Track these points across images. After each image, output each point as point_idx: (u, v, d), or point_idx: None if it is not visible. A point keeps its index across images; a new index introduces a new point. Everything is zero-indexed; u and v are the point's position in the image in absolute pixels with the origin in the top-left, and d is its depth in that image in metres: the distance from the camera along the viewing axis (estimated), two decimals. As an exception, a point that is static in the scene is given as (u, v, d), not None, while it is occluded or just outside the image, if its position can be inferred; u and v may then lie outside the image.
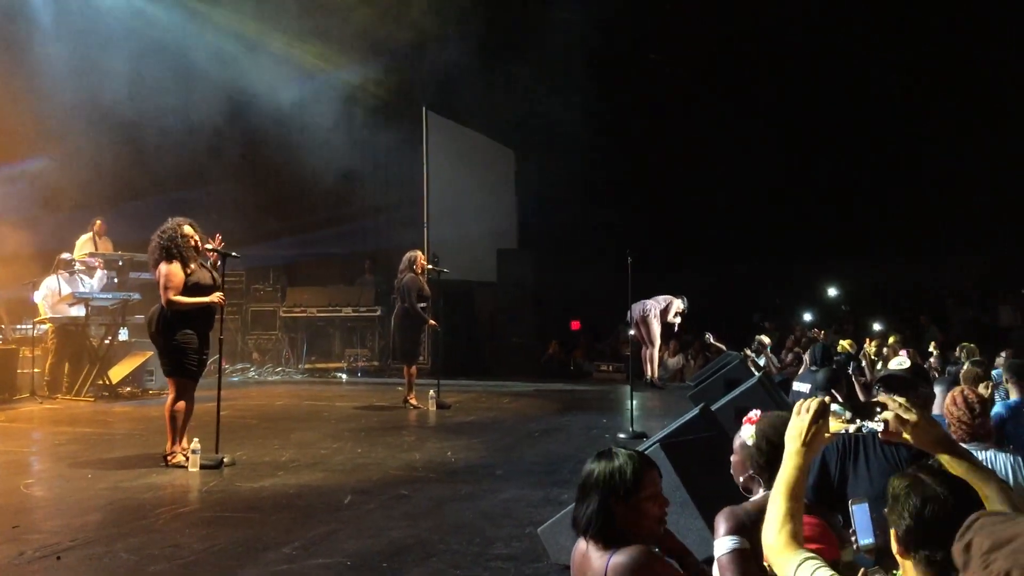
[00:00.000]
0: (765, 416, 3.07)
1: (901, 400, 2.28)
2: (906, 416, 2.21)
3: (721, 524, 2.82)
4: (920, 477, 2.03)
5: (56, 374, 10.80)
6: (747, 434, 3.11)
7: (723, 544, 2.78)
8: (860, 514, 2.43)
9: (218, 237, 7.03)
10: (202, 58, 13.57)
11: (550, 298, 17.05)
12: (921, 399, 4.30)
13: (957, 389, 4.17)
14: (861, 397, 7.25)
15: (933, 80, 17.98)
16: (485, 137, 17.04)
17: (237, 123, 15.65)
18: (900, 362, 5.68)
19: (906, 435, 2.21)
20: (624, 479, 2.59)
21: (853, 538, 2.49)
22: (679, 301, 13.32)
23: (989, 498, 2.10)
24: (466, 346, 15.11)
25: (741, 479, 3.07)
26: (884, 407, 2.24)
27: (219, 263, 7.08)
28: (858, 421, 2.21)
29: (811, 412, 2.24)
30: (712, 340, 13.28)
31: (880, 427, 2.21)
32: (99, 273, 11.42)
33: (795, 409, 2.30)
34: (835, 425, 2.23)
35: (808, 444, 2.21)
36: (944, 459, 2.22)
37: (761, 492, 2.93)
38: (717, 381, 9.54)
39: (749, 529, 2.66)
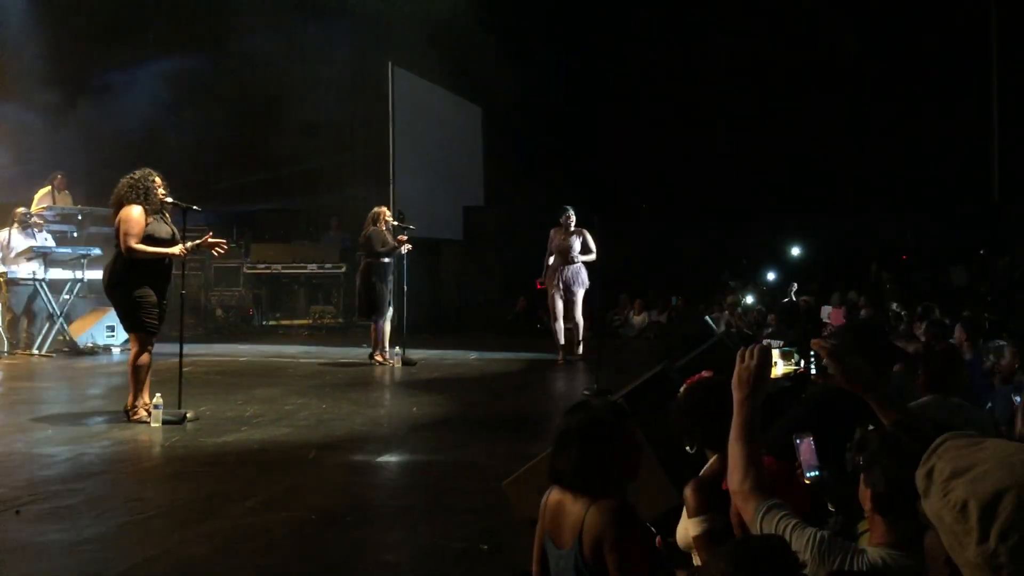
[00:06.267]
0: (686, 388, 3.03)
1: (831, 343, 2.49)
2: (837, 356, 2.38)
3: (692, 502, 2.83)
4: (896, 434, 1.95)
5: (15, 330, 10.65)
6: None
7: (696, 525, 2.80)
8: (805, 448, 2.47)
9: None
10: (163, 6, 13.24)
11: (517, 255, 17.01)
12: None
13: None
14: None
15: (895, 35, 18.02)
16: (452, 94, 16.85)
17: (201, 76, 15.34)
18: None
19: (836, 375, 2.35)
20: (604, 427, 2.60)
21: (799, 471, 2.53)
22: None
23: None
24: (432, 303, 15.08)
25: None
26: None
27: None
28: (803, 363, 2.41)
29: (756, 358, 2.31)
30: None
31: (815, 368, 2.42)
32: (43, 233, 11.11)
33: (739, 356, 2.36)
34: (787, 368, 2.40)
35: (756, 389, 2.29)
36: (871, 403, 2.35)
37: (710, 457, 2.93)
38: (681, 340, 9.61)
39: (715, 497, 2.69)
